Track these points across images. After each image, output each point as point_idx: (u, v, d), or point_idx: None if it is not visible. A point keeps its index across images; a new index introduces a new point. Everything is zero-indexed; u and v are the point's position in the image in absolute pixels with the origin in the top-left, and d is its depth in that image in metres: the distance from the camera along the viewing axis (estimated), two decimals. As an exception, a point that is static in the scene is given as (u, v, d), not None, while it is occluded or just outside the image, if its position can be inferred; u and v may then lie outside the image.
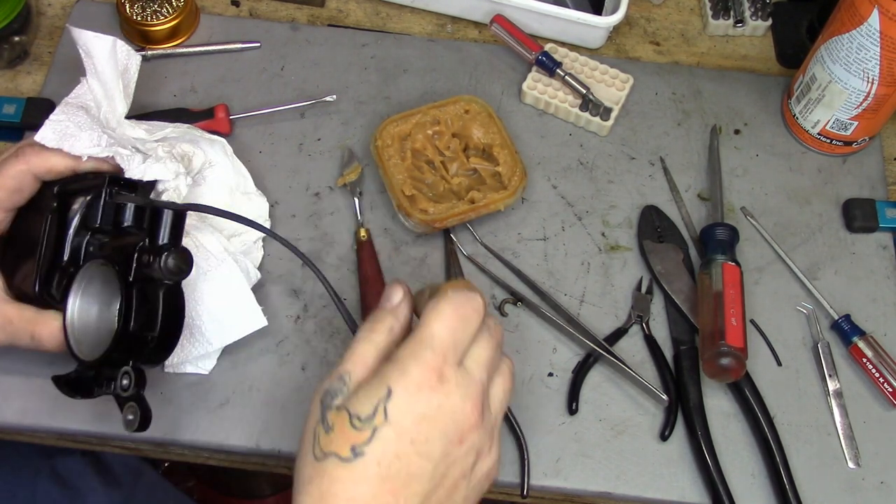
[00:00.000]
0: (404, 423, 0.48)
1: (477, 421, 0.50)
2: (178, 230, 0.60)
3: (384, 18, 0.90)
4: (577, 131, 0.83)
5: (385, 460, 0.48)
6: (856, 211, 0.79)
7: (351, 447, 0.48)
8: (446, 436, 0.49)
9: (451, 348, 0.50)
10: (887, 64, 0.71)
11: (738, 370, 0.67)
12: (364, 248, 0.74)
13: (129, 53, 0.70)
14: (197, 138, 0.72)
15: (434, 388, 0.49)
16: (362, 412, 0.48)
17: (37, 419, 0.68)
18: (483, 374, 0.51)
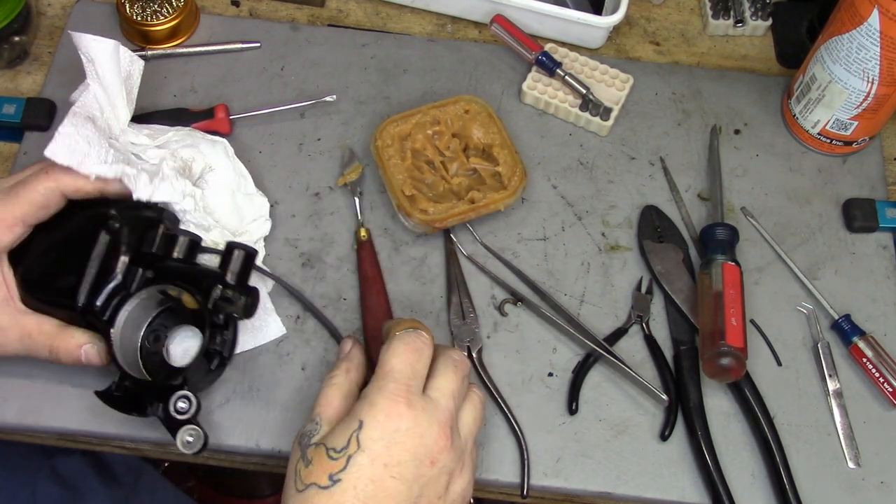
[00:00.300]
0: (376, 449, 0.53)
1: (446, 444, 0.55)
2: (248, 269, 0.65)
3: (384, 18, 0.90)
4: (577, 131, 0.83)
5: (360, 484, 0.53)
6: (856, 211, 0.79)
7: (329, 475, 0.53)
8: (417, 458, 0.54)
9: (411, 377, 0.56)
10: (887, 64, 0.71)
11: (738, 370, 0.67)
12: (364, 247, 0.74)
13: (132, 59, 0.70)
14: (198, 141, 0.72)
15: (401, 415, 0.54)
16: (338, 444, 0.54)
17: (37, 419, 0.68)
18: (449, 401, 0.57)
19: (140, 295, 0.64)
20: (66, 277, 0.64)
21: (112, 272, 0.64)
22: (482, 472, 0.67)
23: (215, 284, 0.63)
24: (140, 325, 0.65)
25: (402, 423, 0.54)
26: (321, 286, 0.74)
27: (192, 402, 0.61)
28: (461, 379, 0.59)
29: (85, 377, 0.67)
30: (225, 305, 0.63)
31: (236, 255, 0.64)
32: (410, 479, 0.54)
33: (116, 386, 0.62)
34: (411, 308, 0.73)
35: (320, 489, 0.53)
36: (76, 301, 0.63)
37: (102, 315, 0.63)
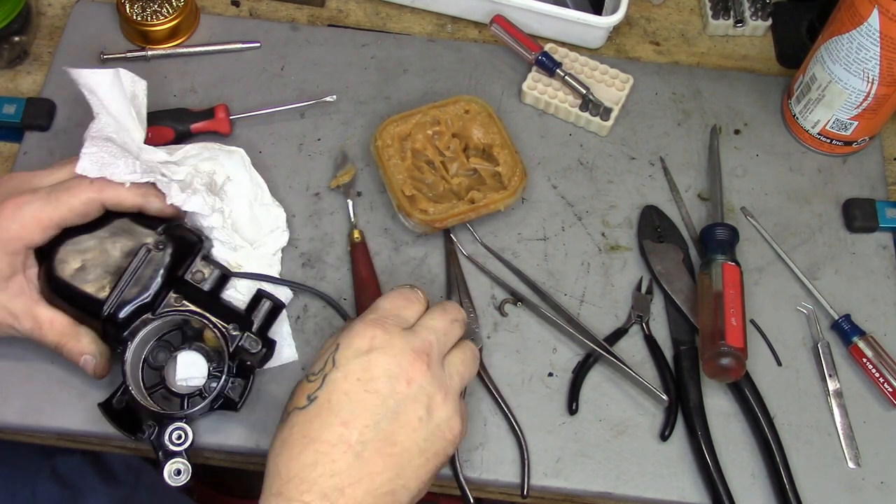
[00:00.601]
0: (350, 367, 0.55)
1: (422, 367, 0.56)
2: (272, 320, 0.67)
3: (384, 18, 0.90)
4: (577, 131, 0.83)
5: (334, 398, 0.55)
6: (856, 211, 0.79)
7: (306, 396, 0.55)
8: (391, 375, 0.56)
9: (394, 315, 0.59)
10: (887, 64, 0.71)
11: (738, 370, 0.67)
12: (357, 249, 0.74)
13: (134, 80, 0.71)
14: (215, 153, 0.73)
15: (376, 336, 0.57)
16: (316, 368, 0.57)
17: (37, 419, 0.68)
18: (429, 334, 0.58)
19: (164, 318, 0.64)
20: (94, 284, 0.64)
21: (144, 290, 0.64)
22: (482, 473, 0.67)
23: (241, 330, 0.64)
24: (149, 340, 0.66)
25: (375, 342, 0.56)
26: (321, 286, 0.74)
27: (187, 436, 0.62)
28: (449, 320, 0.61)
29: (86, 378, 0.67)
30: (244, 354, 0.64)
31: (264, 305, 0.67)
32: (385, 393, 0.55)
33: (119, 398, 0.63)
34: (411, 308, 0.73)
35: (299, 410, 0.55)
36: (101, 309, 0.63)
37: (123, 329, 0.64)
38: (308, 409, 0.55)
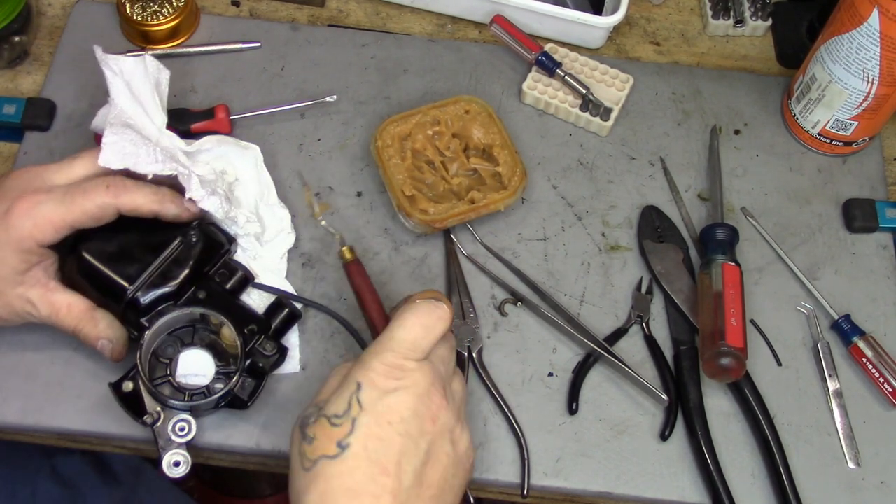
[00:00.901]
0: (378, 408, 0.52)
1: (443, 402, 0.55)
2: (288, 327, 0.68)
3: (384, 18, 0.90)
4: (577, 131, 0.83)
5: (370, 444, 0.51)
6: (856, 211, 0.79)
7: (336, 443, 0.51)
8: (419, 414, 0.53)
9: (410, 349, 0.55)
10: (887, 64, 0.71)
11: (738, 370, 0.67)
12: (351, 266, 0.69)
13: (159, 68, 0.71)
14: (229, 149, 0.73)
15: (398, 377, 0.54)
16: (339, 410, 0.52)
17: (37, 419, 0.68)
18: (442, 367, 0.57)
19: (184, 310, 0.65)
20: (124, 266, 0.65)
21: (171, 279, 0.65)
22: (482, 473, 0.67)
23: (258, 332, 0.65)
24: (162, 332, 0.66)
25: (399, 381, 0.54)
26: (321, 286, 0.74)
27: (191, 429, 0.62)
28: (451, 347, 0.60)
29: (85, 378, 0.67)
30: (258, 355, 0.65)
31: (282, 312, 0.67)
32: (416, 434, 0.53)
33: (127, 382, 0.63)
34: (411, 308, 0.73)
35: (330, 459, 0.50)
36: (126, 291, 0.64)
37: (143, 315, 0.65)
38: (343, 458, 0.50)
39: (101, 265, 0.65)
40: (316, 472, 0.51)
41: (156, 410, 0.62)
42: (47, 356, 0.70)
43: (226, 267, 0.68)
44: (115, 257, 0.66)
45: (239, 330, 0.64)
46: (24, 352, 0.70)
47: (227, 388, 0.63)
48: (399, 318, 0.56)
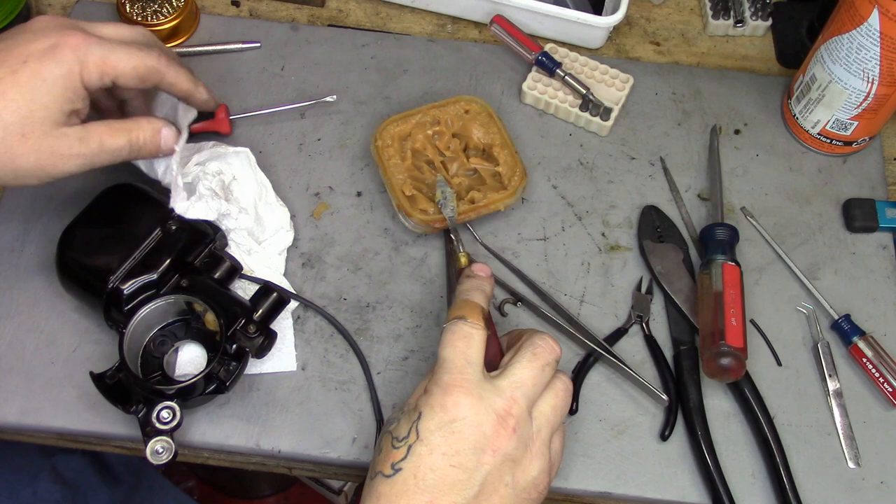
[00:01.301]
0: (434, 441, 0.53)
1: (507, 433, 0.54)
2: (276, 312, 0.67)
3: (384, 18, 0.90)
4: (577, 131, 0.83)
5: (420, 473, 0.52)
6: (856, 211, 0.79)
7: (391, 464, 0.53)
8: (476, 447, 0.53)
9: (464, 366, 0.55)
10: (887, 64, 0.71)
11: (738, 370, 0.67)
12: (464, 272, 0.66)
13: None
14: (222, 153, 0.73)
15: (458, 404, 0.54)
16: (400, 434, 0.54)
17: (37, 419, 0.68)
18: (515, 391, 0.55)
19: (167, 298, 0.65)
20: (105, 257, 0.66)
21: (152, 268, 0.66)
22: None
23: (242, 317, 0.65)
24: (152, 326, 0.67)
25: (458, 412, 0.53)
26: (321, 286, 0.74)
27: (175, 416, 0.62)
28: (540, 367, 0.57)
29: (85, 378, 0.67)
30: (242, 338, 0.64)
31: (270, 297, 0.67)
32: (471, 467, 0.53)
33: (112, 374, 0.63)
34: (411, 308, 0.73)
35: (384, 477, 0.53)
36: (107, 282, 0.65)
37: (126, 304, 0.65)
38: (394, 480, 0.52)
39: (81, 257, 0.66)
40: (373, 484, 0.54)
41: (141, 399, 0.62)
42: (47, 356, 0.70)
43: (211, 256, 0.68)
44: (96, 250, 0.66)
45: (221, 314, 0.64)
46: (24, 352, 0.70)
47: (206, 370, 0.63)
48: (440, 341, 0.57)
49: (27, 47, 0.59)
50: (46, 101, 0.59)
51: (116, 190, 0.70)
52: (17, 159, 0.59)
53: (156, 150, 0.66)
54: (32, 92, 0.58)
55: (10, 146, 0.58)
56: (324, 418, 0.69)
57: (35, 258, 0.73)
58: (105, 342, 0.70)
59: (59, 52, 0.59)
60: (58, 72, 0.59)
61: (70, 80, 0.60)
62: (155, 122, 0.65)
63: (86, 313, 0.71)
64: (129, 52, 0.62)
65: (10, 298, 0.72)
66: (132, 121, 0.65)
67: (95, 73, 0.61)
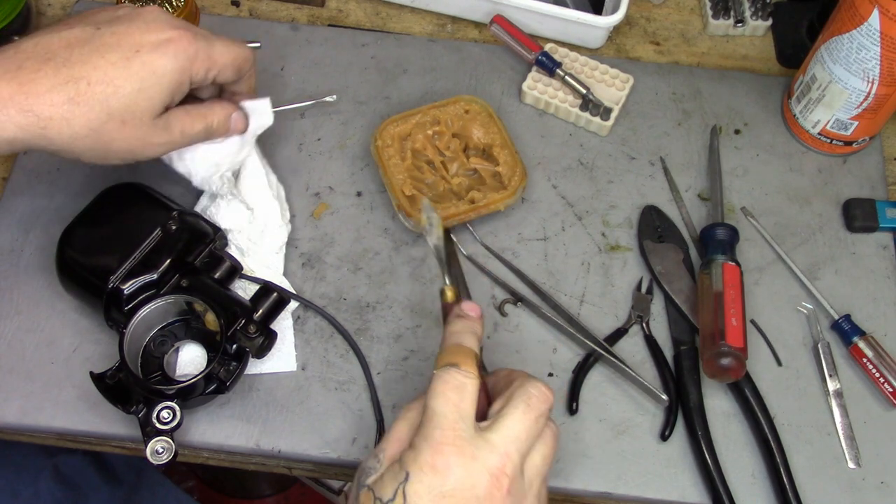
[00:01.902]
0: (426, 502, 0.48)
1: (500, 493, 0.49)
2: (276, 312, 0.67)
3: (384, 18, 0.90)
4: (577, 131, 0.83)
5: None
6: (856, 211, 0.79)
7: None
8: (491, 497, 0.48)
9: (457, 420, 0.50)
10: (887, 64, 0.71)
11: (738, 370, 0.67)
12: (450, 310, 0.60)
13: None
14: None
15: (449, 467, 0.48)
16: (384, 495, 0.49)
17: (37, 419, 0.68)
18: (509, 446, 0.50)
19: (168, 298, 0.65)
20: (105, 257, 0.66)
21: (152, 268, 0.66)
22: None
23: (242, 316, 0.65)
24: (152, 326, 0.67)
25: (449, 476, 0.48)
26: (321, 286, 0.74)
27: (175, 415, 0.62)
28: (534, 419, 0.52)
29: (85, 378, 0.67)
30: (242, 338, 0.64)
31: (270, 297, 0.67)
32: None
33: (112, 374, 0.63)
34: (411, 308, 0.73)
35: None
36: (107, 282, 0.65)
37: (127, 304, 0.65)
38: None
39: (82, 257, 0.67)
40: None
41: (141, 399, 0.62)
42: (47, 356, 0.70)
43: (211, 256, 0.68)
44: (96, 249, 0.66)
45: (221, 314, 0.64)
46: (24, 352, 0.70)
47: (206, 370, 0.63)
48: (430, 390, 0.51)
49: (141, 37, 0.60)
50: (152, 94, 0.60)
51: (117, 190, 0.70)
52: (113, 143, 0.60)
53: (226, 133, 0.68)
54: (141, 83, 0.59)
55: (110, 131, 0.59)
56: (324, 418, 0.69)
57: (35, 258, 0.73)
58: (105, 342, 0.70)
59: (173, 47, 0.60)
60: (169, 66, 0.60)
61: (179, 74, 0.61)
62: (227, 107, 0.67)
63: (86, 313, 0.71)
64: (227, 46, 0.64)
65: (10, 298, 0.72)
66: (206, 106, 0.66)
67: (202, 69, 0.62)
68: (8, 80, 0.56)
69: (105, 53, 0.58)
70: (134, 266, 0.66)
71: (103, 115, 0.58)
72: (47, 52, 0.58)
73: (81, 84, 0.57)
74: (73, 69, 0.57)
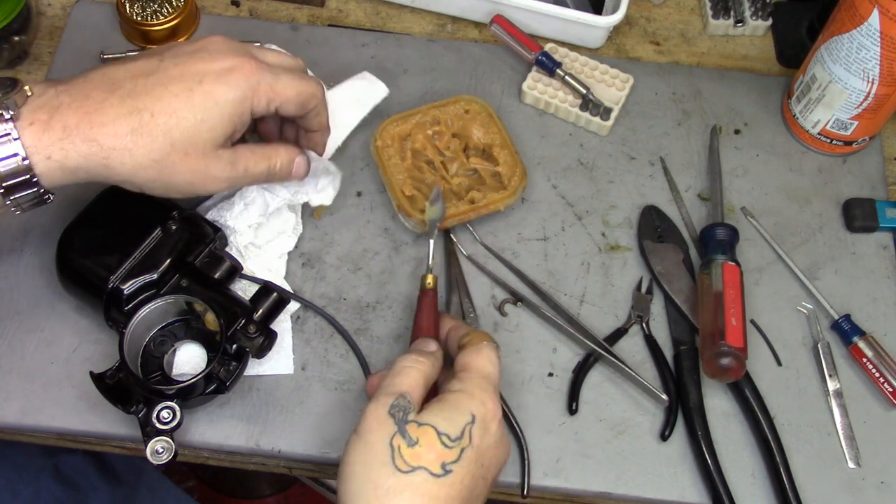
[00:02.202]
0: (482, 448, 0.54)
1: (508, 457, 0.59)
2: (276, 312, 0.67)
3: (384, 18, 0.90)
4: (577, 131, 0.83)
5: (467, 479, 0.53)
6: (856, 211, 0.79)
7: (442, 464, 0.52)
8: (499, 466, 0.57)
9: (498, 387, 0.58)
10: (887, 64, 0.71)
11: (738, 370, 0.67)
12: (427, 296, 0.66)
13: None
14: None
15: (500, 423, 0.56)
16: (452, 433, 0.53)
17: (37, 419, 0.68)
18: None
19: (168, 298, 0.65)
20: (105, 257, 0.66)
21: (152, 268, 0.66)
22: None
23: (242, 317, 0.65)
24: (152, 326, 0.67)
25: (499, 431, 0.56)
26: (321, 286, 0.74)
27: (175, 415, 0.62)
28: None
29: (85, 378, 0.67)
30: (242, 338, 0.64)
31: (270, 297, 0.67)
32: (490, 482, 0.56)
33: (112, 374, 0.63)
34: (411, 308, 0.73)
35: (431, 475, 0.52)
36: (107, 282, 0.65)
37: (127, 304, 0.65)
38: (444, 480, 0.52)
39: (81, 257, 0.66)
40: (411, 479, 0.52)
41: (141, 399, 0.62)
42: (47, 356, 0.70)
43: (211, 256, 0.68)
44: (96, 250, 0.66)
45: (221, 314, 0.64)
46: (24, 352, 0.70)
47: (206, 370, 0.63)
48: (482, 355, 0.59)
49: (204, 66, 0.60)
50: (214, 124, 0.60)
51: (117, 190, 0.70)
52: (175, 175, 0.60)
53: (287, 177, 0.67)
54: (204, 113, 0.59)
55: (173, 162, 0.59)
56: (324, 418, 0.69)
57: (35, 258, 0.73)
58: (104, 342, 0.70)
59: (235, 77, 0.60)
60: (231, 96, 0.60)
61: (241, 105, 0.61)
62: (291, 151, 0.67)
63: (85, 313, 0.71)
64: (293, 80, 0.63)
65: (10, 298, 0.72)
66: (272, 147, 0.66)
67: (264, 100, 0.62)
68: (75, 108, 0.56)
69: (168, 85, 0.59)
70: (134, 266, 0.66)
71: (166, 145, 0.58)
72: (113, 82, 0.58)
73: (144, 115, 0.57)
74: (136, 100, 0.58)
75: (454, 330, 0.63)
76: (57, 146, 0.56)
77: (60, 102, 0.56)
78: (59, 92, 0.57)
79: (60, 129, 0.56)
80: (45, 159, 0.56)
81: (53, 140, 0.56)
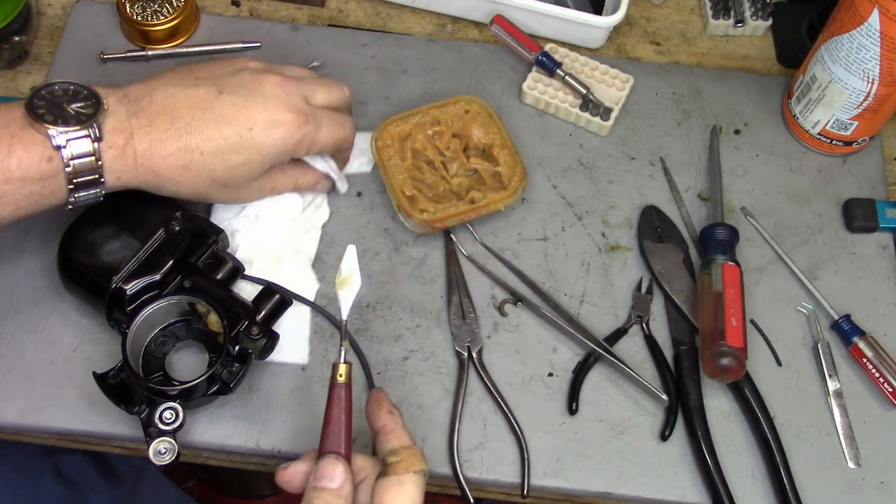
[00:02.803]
0: None
1: None
2: (278, 314, 0.67)
3: (384, 18, 0.90)
4: (577, 131, 0.83)
5: None
6: (856, 211, 0.79)
7: None
8: None
9: None
10: (887, 64, 0.71)
11: (738, 370, 0.67)
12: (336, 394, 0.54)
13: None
14: None
15: None
16: None
17: (37, 419, 0.68)
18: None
19: (170, 299, 0.65)
20: (107, 258, 0.66)
21: (155, 268, 0.66)
22: (482, 473, 0.67)
23: (245, 318, 0.65)
24: (154, 326, 0.67)
25: None
26: (321, 286, 0.74)
27: (178, 416, 0.62)
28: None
29: (86, 378, 0.67)
30: (245, 340, 0.64)
31: (273, 298, 0.67)
32: None
33: (114, 374, 0.63)
34: (411, 308, 0.73)
35: None
36: (110, 283, 0.65)
37: (129, 304, 0.65)
38: None
39: (84, 257, 0.66)
40: None
41: (143, 399, 0.62)
42: (47, 356, 0.70)
43: (213, 257, 0.68)
44: (99, 250, 0.66)
45: (224, 316, 0.64)
46: (24, 352, 0.70)
47: (209, 371, 0.63)
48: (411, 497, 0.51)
49: (256, 115, 0.65)
50: (254, 167, 0.67)
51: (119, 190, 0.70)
52: (212, 198, 0.69)
53: (310, 189, 0.75)
54: (247, 157, 0.66)
55: (211, 193, 0.67)
56: (324, 418, 0.68)
57: (35, 258, 0.73)
58: (105, 342, 0.70)
59: (283, 131, 0.66)
60: (275, 149, 0.66)
61: (282, 155, 0.67)
62: (318, 174, 0.74)
63: (86, 313, 0.71)
64: (333, 130, 0.69)
65: (10, 298, 0.72)
66: (301, 170, 0.73)
67: (304, 149, 0.68)
68: (143, 135, 0.62)
69: (221, 126, 0.64)
70: (137, 266, 0.66)
71: (208, 180, 0.65)
72: (174, 111, 0.63)
73: (195, 154, 0.63)
74: (192, 137, 0.63)
75: (385, 434, 0.54)
76: (129, 172, 0.62)
77: (132, 127, 0.62)
78: (129, 114, 0.62)
79: (132, 156, 0.62)
80: (115, 179, 0.62)
81: (127, 167, 0.62)
